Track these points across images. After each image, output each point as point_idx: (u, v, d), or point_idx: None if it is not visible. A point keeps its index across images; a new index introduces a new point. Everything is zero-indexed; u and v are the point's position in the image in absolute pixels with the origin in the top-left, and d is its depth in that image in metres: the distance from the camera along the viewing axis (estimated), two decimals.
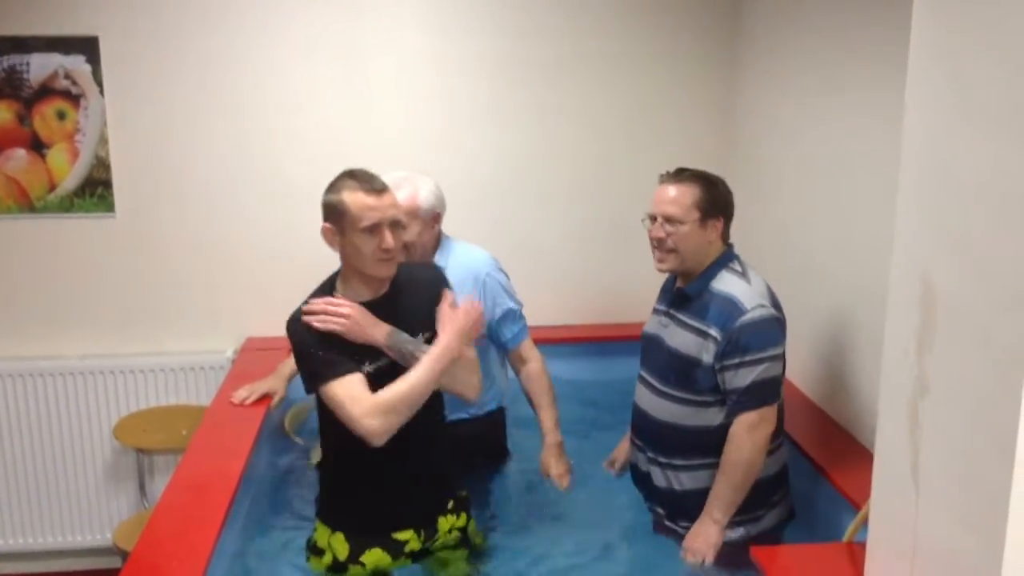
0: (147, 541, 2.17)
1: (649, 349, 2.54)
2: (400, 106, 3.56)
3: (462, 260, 2.70)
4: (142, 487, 3.65)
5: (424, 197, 2.62)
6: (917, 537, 1.65)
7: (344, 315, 2.12)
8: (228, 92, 3.47)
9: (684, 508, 2.41)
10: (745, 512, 2.36)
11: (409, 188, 2.58)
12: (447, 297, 2.25)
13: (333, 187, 2.16)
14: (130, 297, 3.58)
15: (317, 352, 2.12)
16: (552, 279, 3.71)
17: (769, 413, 2.31)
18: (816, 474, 2.55)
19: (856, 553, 1.93)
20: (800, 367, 3.06)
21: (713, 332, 2.31)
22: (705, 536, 2.31)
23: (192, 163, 3.51)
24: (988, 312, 1.42)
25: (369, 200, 2.11)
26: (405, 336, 2.17)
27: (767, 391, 2.30)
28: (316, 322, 2.12)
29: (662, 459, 2.45)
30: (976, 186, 1.45)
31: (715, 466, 2.36)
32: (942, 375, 1.56)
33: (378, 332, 2.14)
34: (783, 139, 3.23)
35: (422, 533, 2.31)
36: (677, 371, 2.39)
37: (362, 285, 2.19)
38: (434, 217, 2.67)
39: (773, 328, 2.32)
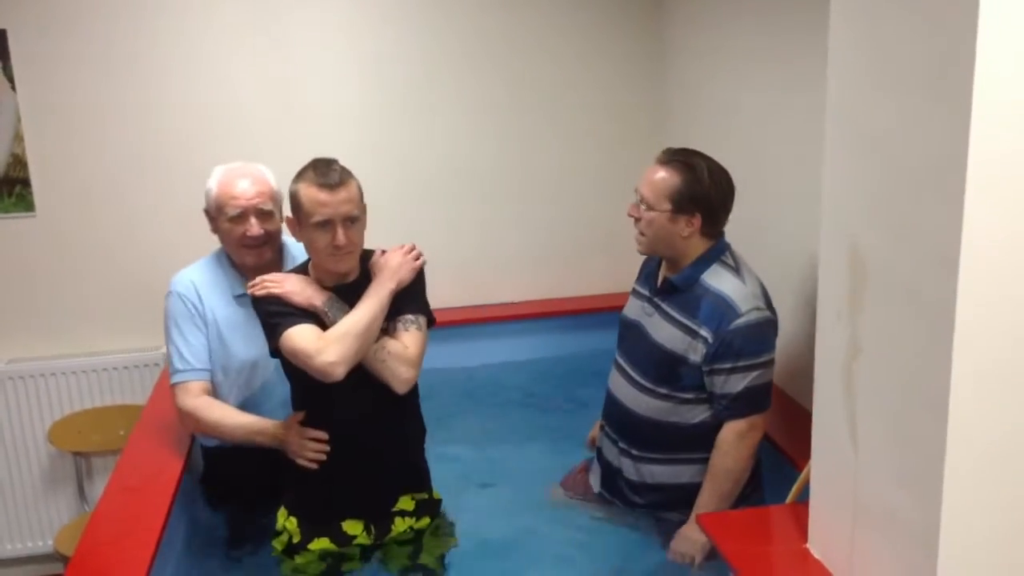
0: (87, 545, 2.12)
1: (628, 336, 2.46)
2: (323, 99, 3.51)
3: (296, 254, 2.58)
4: (81, 490, 3.57)
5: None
6: (857, 496, 1.68)
7: (279, 281, 2.20)
8: (147, 83, 3.37)
9: (657, 499, 2.39)
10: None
11: (265, 175, 2.50)
12: (376, 254, 2.28)
13: (297, 177, 2.17)
14: (57, 298, 3.48)
15: (268, 314, 2.18)
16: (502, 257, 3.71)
17: (759, 421, 2.26)
18: None
19: (800, 514, 1.95)
20: None
21: (704, 332, 2.22)
22: (692, 541, 2.25)
23: (113, 158, 3.41)
24: (915, 272, 1.44)
25: (321, 195, 2.10)
26: (343, 305, 2.17)
27: (759, 398, 2.25)
28: (257, 290, 2.19)
29: (635, 451, 2.40)
30: (896, 149, 1.48)
31: (691, 461, 2.33)
32: (874, 336, 1.59)
33: (315, 297, 2.18)
34: (713, 110, 3.25)
35: (372, 529, 2.30)
36: (660, 366, 2.31)
37: (326, 273, 2.21)
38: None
39: (767, 332, 2.26)
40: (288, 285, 2.19)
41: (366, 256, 2.27)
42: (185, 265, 2.57)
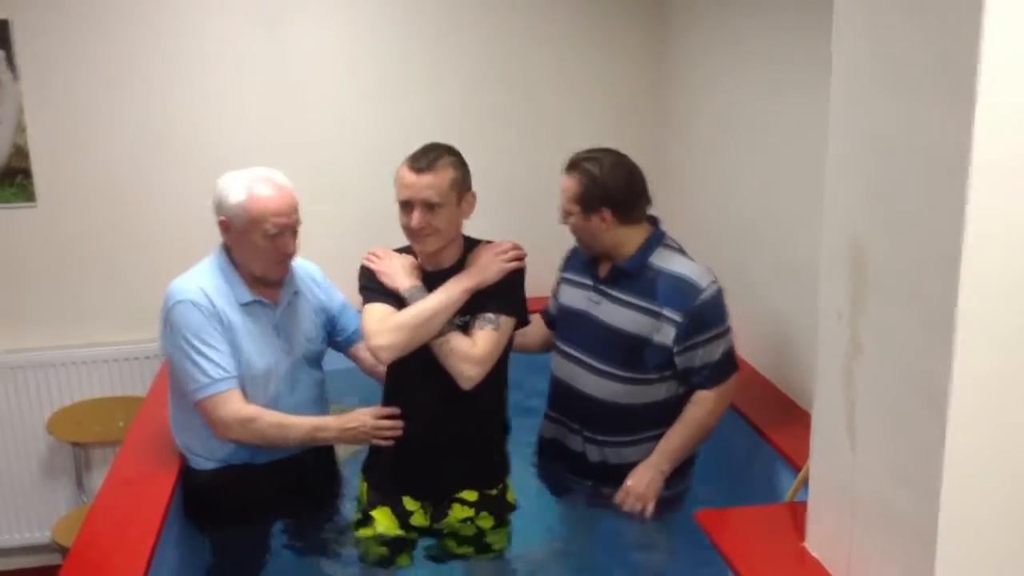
0: (86, 537, 2.12)
1: (576, 325, 2.48)
2: (324, 99, 3.52)
3: (297, 266, 2.51)
4: (80, 481, 3.57)
5: None
6: (855, 495, 1.69)
7: (381, 258, 2.31)
8: (150, 74, 3.37)
9: (618, 479, 2.40)
10: (677, 475, 2.42)
11: (289, 185, 2.35)
12: (478, 248, 2.32)
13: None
14: (58, 288, 3.48)
15: (361, 287, 2.32)
16: None
17: (735, 382, 2.41)
18: (756, 437, 2.59)
19: (799, 512, 1.96)
20: (739, 331, 3.10)
21: (668, 313, 2.31)
22: (650, 483, 2.33)
23: (114, 148, 3.40)
24: (916, 272, 1.45)
25: (408, 177, 2.21)
26: (425, 294, 2.21)
27: (733, 360, 2.41)
28: (364, 259, 2.33)
29: (600, 437, 2.43)
30: (900, 149, 1.48)
31: (658, 438, 2.38)
32: (874, 335, 1.59)
33: (402, 281, 2.24)
34: (715, 112, 3.25)
35: (429, 511, 2.33)
36: (621, 350, 2.37)
37: (421, 254, 2.30)
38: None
39: (724, 301, 2.38)
40: (384, 264, 2.30)
41: (471, 245, 2.33)
42: (184, 259, 2.46)
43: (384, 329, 2.17)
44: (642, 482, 2.34)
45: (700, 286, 2.31)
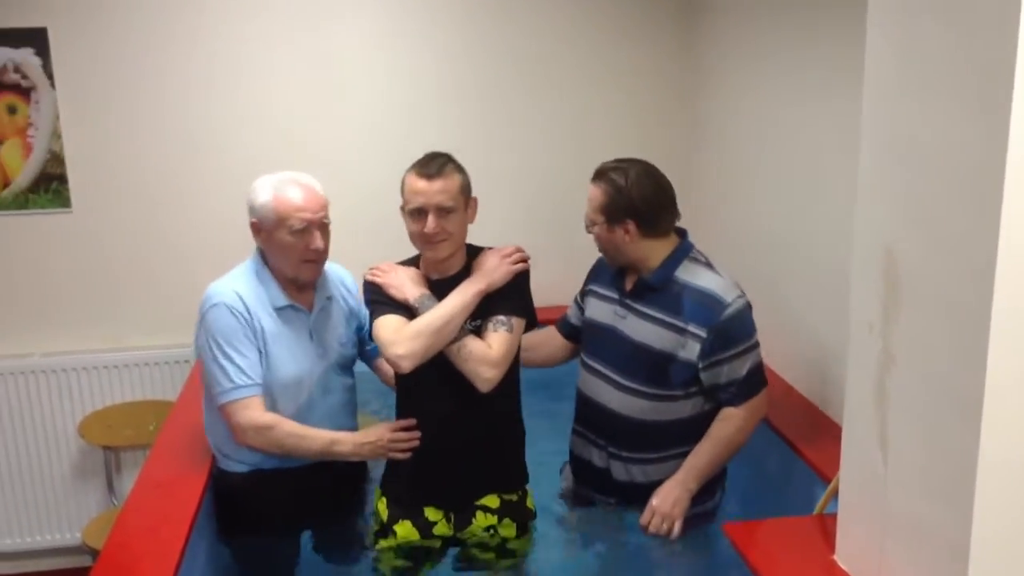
0: (116, 540, 2.14)
1: (602, 340, 2.46)
2: (358, 105, 3.54)
3: (330, 271, 2.54)
4: (110, 484, 3.61)
5: None
6: (887, 508, 1.67)
7: (385, 271, 2.31)
8: (184, 81, 3.41)
9: (643, 497, 2.37)
10: (704, 493, 2.38)
11: (319, 187, 2.40)
12: (482, 253, 2.34)
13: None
14: (91, 293, 3.53)
15: (369, 301, 2.32)
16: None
17: (765, 398, 2.37)
18: (786, 448, 2.56)
19: (828, 525, 1.94)
20: (770, 344, 3.08)
21: (693, 328, 2.27)
22: (676, 502, 2.28)
23: (148, 155, 3.45)
24: (950, 283, 1.43)
25: (419, 184, 2.23)
26: (434, 302, 2.22)
27: (761, 376, 2.36)
28: (368, 274, 2.33)
29: (625, 453, 2.40)
30: (933, 158, 1.47)
31: (684, 455, 2.34)
32: (907, 347, 1.58)
33: (411, 292, 2.25)
34: (746, 121, 3.23)
35: (452, 519, 2.33)
36: (646, 366, 2.34)
37: (429, 263, 2.32)
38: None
39: (751, 316, 2.34)
40: (390, 277, 2.30)
41: (474, 252, 2.34)
42: (216, 265, 2.50)
43: (402, 338, 2.17)
44: (667, 501, 2.29)
45: (725, 301, 2.27)
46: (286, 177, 2.35)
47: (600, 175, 2.37)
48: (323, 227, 2.35)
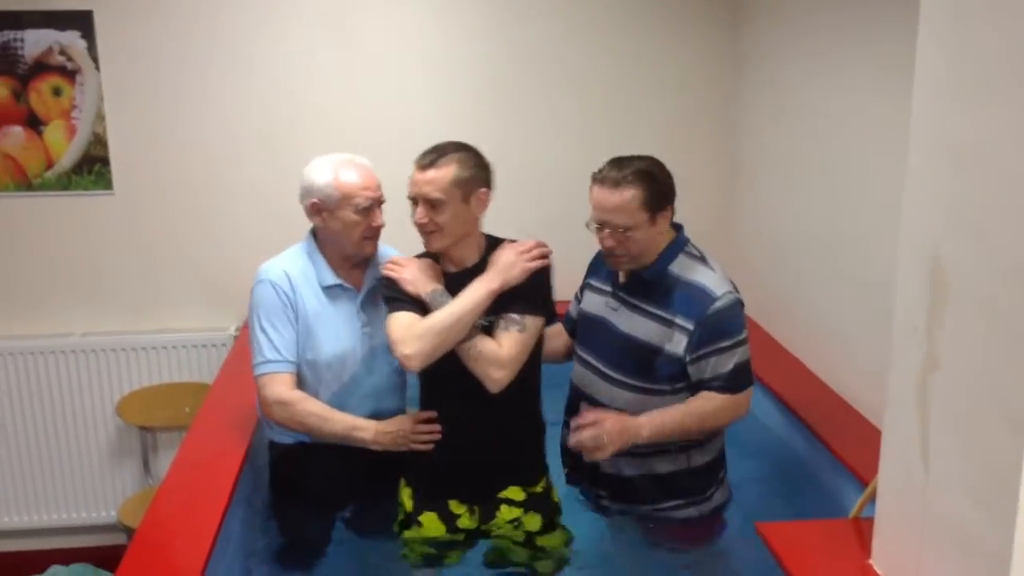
0: (152, 520, 2.17)
1: (594, 332, 2.44)
2: (405, 80, 3.54)
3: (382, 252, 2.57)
4: (146, 464, 3.66)
5: None
6: (926, 512, 1.65)
7: (402, 265, 2.30)
8: (226, 64, 3.44)
9: (631, 491, 2.37)
10: (696, 492, 2.37)
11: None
12: (500, 246, 2.30)
13: None
14: (131, 275, 3.57)
15: (385, 296, 2.31)
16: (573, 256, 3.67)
17: (747, 398, 2.30)
18: (822, 449, 2.54)
19: (864, 529, 1.92)
20: (806, 343, 3.06)
21: (681, 321, 2.24)
22: (623, 433, 2.20)
23: (190, 138, 3.48)
24: (997, 287, 1.41)
25: (415, 174, 2.23)
26: (447, 298, 2.20)
27: (747, 374, 2.29)
28: (384, 269, 2.32)
29: None
30: (983, 161, 1.44)
31: (664, 451, 2.32)
32: (952, 350, 1.55)
33: (424, 286, 2.24)
34: (791, 119, 3.20)
35: (476, 512, 2.33)
36: (634, 359, 2.31)
37: (444, 255, 2.30)
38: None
39: (741, 312, 2.29)
40: (405, 272, 2.28)
41: (494, 244, 2.31)
42: (255, 249, 2.58)
43: (410, 337, 2.16)
44: (616, 427, 2.20)
45: (714, 295, 2.23)
46: (343, 158, 2.41)
47: (623, 178, 2.23)
48: (381, 204, 2.43)
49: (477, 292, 2.18)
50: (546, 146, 3.62)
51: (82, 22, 3.33)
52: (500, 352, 2.18)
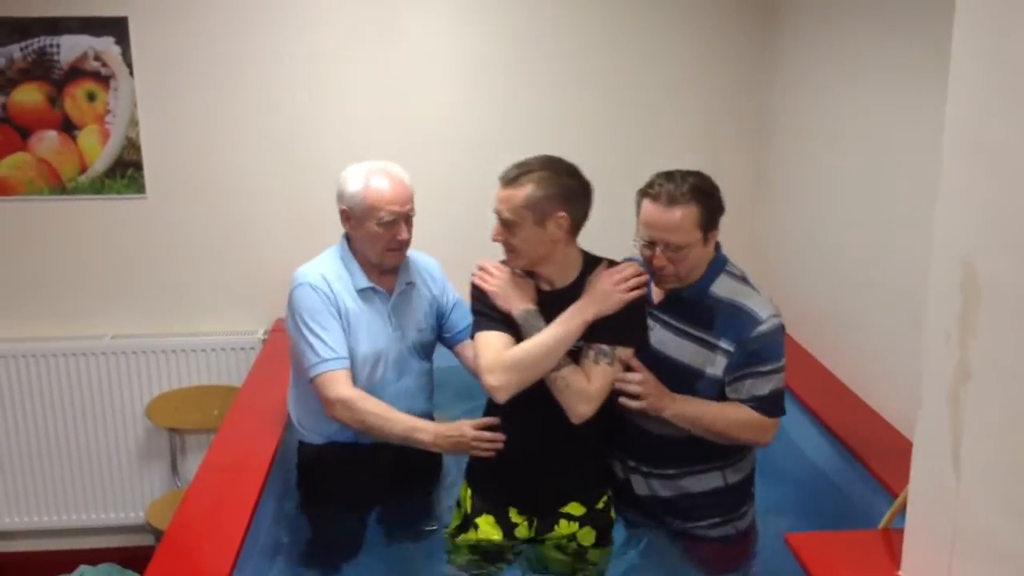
0: (180, 521, 2.19)
1: None
2: (433, 86, 3.55)
3: (416, 259, 2.61)
4: (174, 466, 3.69)
5: None
6: (957, 524, 1.63)
7: (493, 276, 2.23)
8: (259, 71, 3.46)
9: (667, 511, 2.34)
10: (732, 510, 2.33)
11: (407, 178, 2.45)
12: (599, 268, 2.21)
13: None
14: (162, 278, 3.60)
15: (473, 308, 2.26)
16: None
17: (776, 425, 2.24)
18: (852, 460, 2.53)
19: (893, 540, 1.90)
20: (836, 353, 3.04)
21: (724, 344, 2.18)
22: (660, 395, 2.18)
23: (222, 144, 3.51)
24: None
25: (498, 190, 2.17)
26: (539, 321, 2.14)
27: (781, 402, 2.23)
28: (474, 277, 2.26)
29: (645, 468, 2.33)
30: (1018, 167, 1.42)
31: (705, 471, 2.29)
32: (985, 360, 1.53)
33: (515, 304, 2.18)
34: (822, 126, 3.18)
35: (534, 524, 2.30)
36: (670, 379, 2.22)
37: (539, 277, 2.22)
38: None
39: (783, 339, 2.24)
40: (496, 284, 2.22)
41: (591, 263, 2.24)
42: (285, 254, 2.61)
43: (499, 367, 2.10)
44: (659, 391, 2.18)
45: (760, 318, 2.16)
46: (376, 167, 2.42)
47: (676, 197, 2.14)
48: (408, 219, 2.42)
49: (571, 323, 2.12)
50: (575, 153, 3.58)
51: (117, 28, 3.37)
52: (589, 388, 2.12)
